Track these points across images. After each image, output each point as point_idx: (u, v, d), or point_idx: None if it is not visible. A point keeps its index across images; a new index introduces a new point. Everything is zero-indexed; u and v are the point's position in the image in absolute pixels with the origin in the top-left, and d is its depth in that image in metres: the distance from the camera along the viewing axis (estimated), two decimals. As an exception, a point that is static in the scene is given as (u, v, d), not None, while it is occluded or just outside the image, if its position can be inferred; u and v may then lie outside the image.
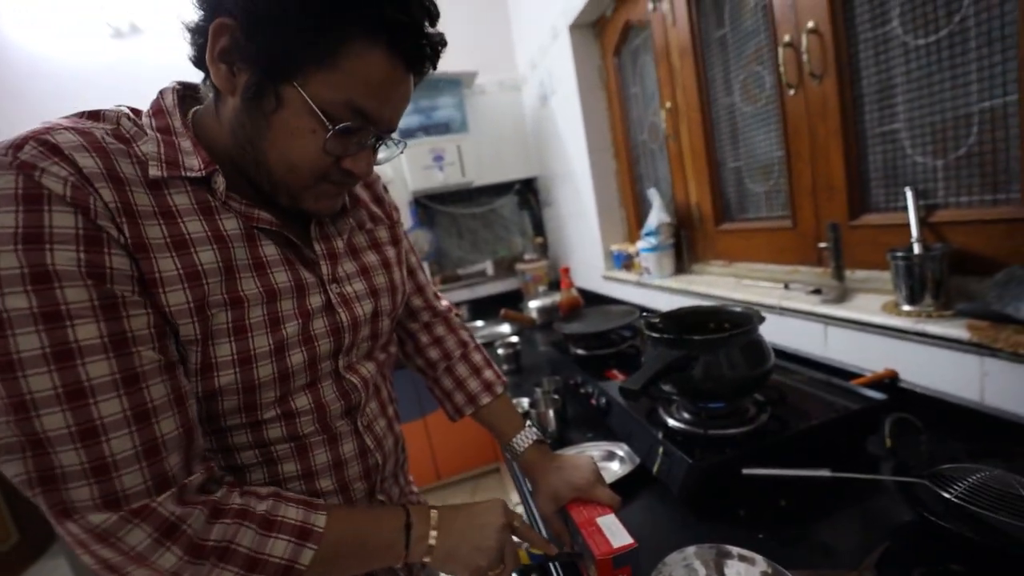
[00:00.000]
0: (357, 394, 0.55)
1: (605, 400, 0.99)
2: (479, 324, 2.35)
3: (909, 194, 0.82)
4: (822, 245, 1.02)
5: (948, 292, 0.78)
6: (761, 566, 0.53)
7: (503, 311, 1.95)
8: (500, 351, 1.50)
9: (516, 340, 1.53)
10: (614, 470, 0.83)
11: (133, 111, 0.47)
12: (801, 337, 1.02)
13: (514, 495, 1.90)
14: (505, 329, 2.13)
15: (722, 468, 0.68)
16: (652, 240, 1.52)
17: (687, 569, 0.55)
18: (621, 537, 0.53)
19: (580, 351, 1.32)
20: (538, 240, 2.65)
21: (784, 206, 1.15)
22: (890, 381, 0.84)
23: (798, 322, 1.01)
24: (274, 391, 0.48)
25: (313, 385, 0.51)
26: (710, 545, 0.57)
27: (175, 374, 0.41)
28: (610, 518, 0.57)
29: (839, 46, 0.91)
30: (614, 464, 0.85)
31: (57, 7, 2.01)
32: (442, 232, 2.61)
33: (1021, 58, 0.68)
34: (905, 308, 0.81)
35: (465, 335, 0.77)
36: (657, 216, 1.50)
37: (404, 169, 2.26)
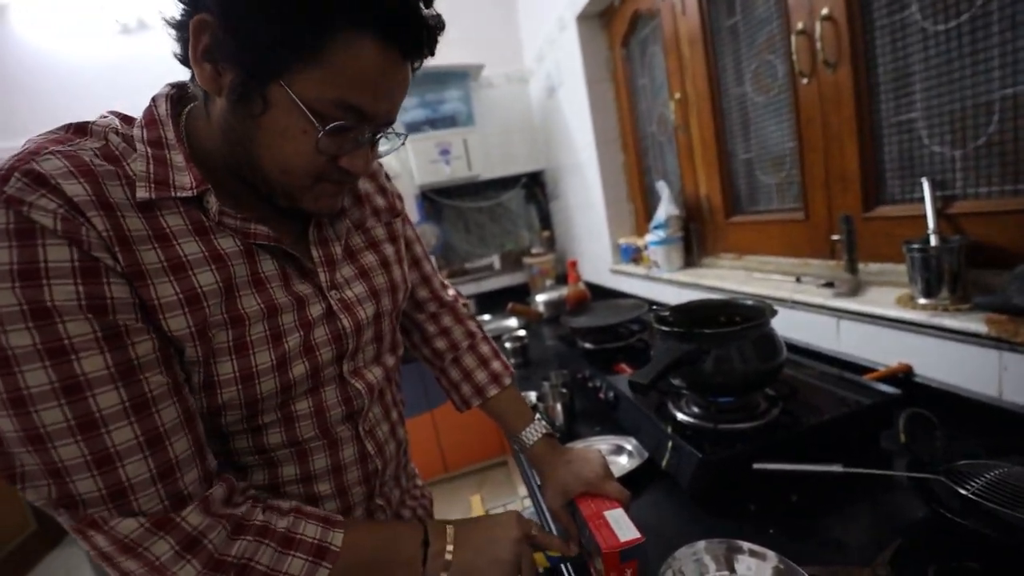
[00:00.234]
0: (360, 400, 0.55)
1: (613, 394, 0.98)
2: (486, 318, 2.35)
3: (926, 185, 0.80)
4: (835, 237, 1.00)
5: (965, 285, 0.76)
6: (772, 561, 0.52)
7: (511, 305, 1.94)
8: (507, 345, 1.50)
9: (523, 334, 1.53)
10: (622, 464, 0.83)
11: (124, 119, 0.45)
12: (813, 331, 1.00)
13: (521, 488, 1.90)
14: (512, 323, 2.12)
15: (732, 462, 0.67)
16: (661, 233, 1.50)
17: (697, 563, 0.55)
18: (628, 531, 0.52)
19: (588, 345, 1.31)
20: (545, 234, 2.64)
21: (796, 198, 1.13)
22: (904, 376, 0.82)
23: (810, 316, 1.00)
24: (275, 400, 0.48)
25: (315, 390, 0.51)
26: (720, 540, 0.56)
27: (183, 394, 0.41)
28: (618, 512, 0.56)
29: (855, 33, 0.89)
30: (622, 458, 0.85)
31: (66, 5, 2.02)
32: (449, 226, 2.60)
33: (1046, 43, 0.66)
34: (921, 301, 0.79)
35: (472, 325, 0.77)
36: (666, 209, 1.49)
37: (411, 163, 2.26)
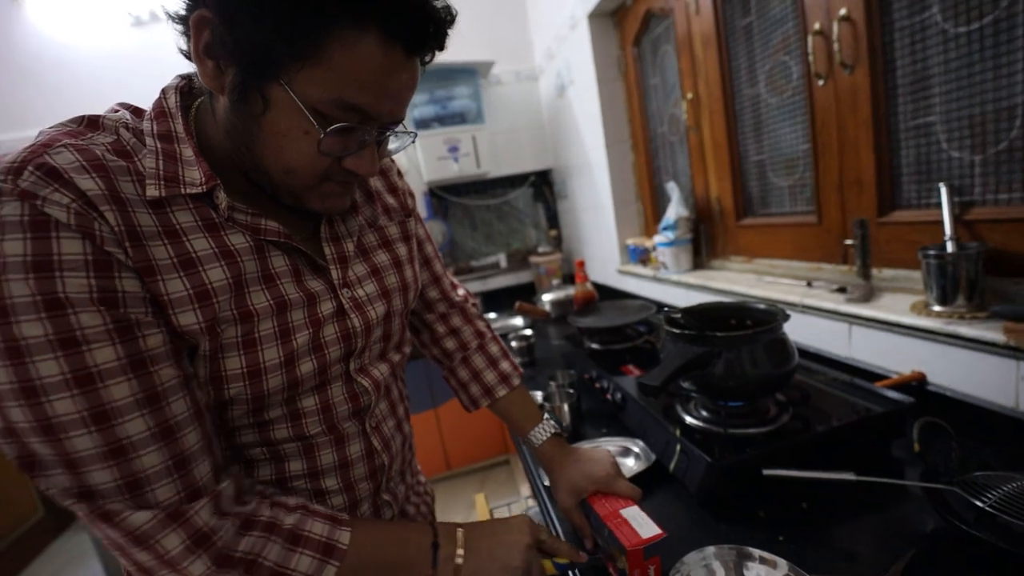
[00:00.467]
0: (367, 396, 0.55)
1: (620, 395, 0.98)
2: (492, 316, 2.35)
3: (943, 190, 0.78)
4: (848, 242, 0.99)
5: (983, 293, 0.75)
6: (783, 570, 0.52)
7: (518, 304, 1.94)
8: (514, 344, 1.49)
9: (530, 333, 1.52)
10: (629, 466, 0.82)
11: (134, 112, 0.45)
12: (824, 336, 0.99)
13: (524, 488, 1.90)
14: (518, 322, 2.12)
15: (742, 468, 0.66)
16: (670, 234, 1.49)
17: (706, 569, 0.54)
18: (649, 528, 0.52)
19: (595, 345, 1.31)
20: (552, 233, 2.63)
21: (809, 201, 1.12)
22: (917, 384, 0.81)
23: (821, 321, 0.99)
24: (282, 396, 0.47)
25: (322, 387, 0.51)
26: (730, 546, 0.56)
27: (193, 388, 0.41)
28: (634, 509, 0.56)
29: (873, 34, 0.88)
30: (629, 460, 0.84)
31: (80, -4, 2.04)
32: (456, 224, 2.60)
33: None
34: (936, 309, 0.78)
35: (482, 325, 0.76)
36: (675, 210, 1.48)
37: (419, 160, 2.26)
